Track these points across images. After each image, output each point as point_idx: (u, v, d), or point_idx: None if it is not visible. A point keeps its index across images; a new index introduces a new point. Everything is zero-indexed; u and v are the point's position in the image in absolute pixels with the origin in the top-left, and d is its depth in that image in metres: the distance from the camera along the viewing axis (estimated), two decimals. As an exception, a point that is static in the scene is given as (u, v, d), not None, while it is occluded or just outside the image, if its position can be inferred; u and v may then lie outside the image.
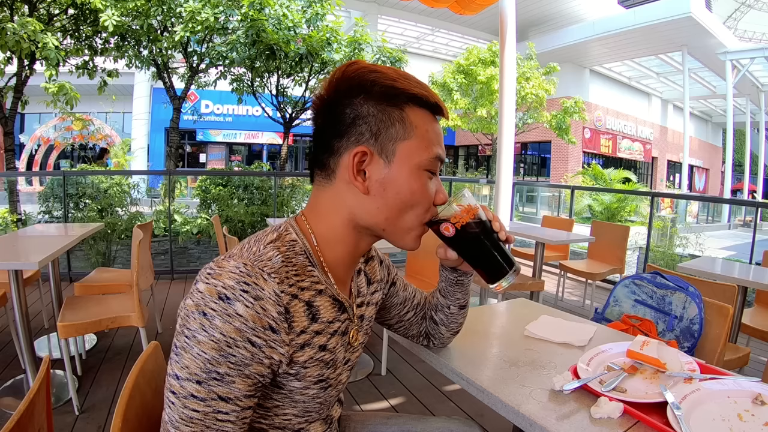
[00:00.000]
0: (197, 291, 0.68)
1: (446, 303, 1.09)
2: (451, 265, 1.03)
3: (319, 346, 0.78)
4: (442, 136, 0.84)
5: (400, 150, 0.77)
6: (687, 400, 0.91)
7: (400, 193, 0.78)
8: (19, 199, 6.29)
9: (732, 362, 2.14)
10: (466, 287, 1.08)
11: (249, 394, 0.70)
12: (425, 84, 0.81)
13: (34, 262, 2.14)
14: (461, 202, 0.89)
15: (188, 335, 0.66)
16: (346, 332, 0.85)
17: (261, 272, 0.70)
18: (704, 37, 16.93)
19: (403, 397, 2.64)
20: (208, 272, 0.69)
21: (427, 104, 0.80)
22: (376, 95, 0.76)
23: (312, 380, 0.79)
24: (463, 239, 0.91)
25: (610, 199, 10.51)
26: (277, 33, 6.91)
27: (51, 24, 6.54)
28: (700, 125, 28.49)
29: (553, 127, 13.68)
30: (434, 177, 0.83)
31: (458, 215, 0.89)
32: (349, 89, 0.77)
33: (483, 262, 0.94)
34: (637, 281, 1.76)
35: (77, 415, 2.30)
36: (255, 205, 6.22)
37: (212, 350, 0.65)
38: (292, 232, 0.80)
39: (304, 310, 0.75)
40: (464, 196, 0.90)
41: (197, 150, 19.46)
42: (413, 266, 3.44)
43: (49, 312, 3.55)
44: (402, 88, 0.77)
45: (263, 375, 0.71)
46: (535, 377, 1.06)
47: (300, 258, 0.77)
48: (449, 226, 0.88)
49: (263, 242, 0.76)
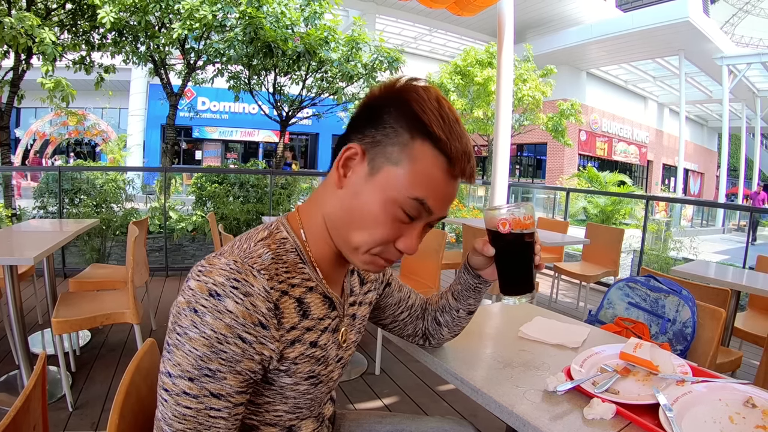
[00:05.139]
0: (188, 288, 0.68)
1: (456, 306, 1.10)
2: (477, 265, 1.04)
3: (309, 343, 0.78)
4: (446, 193, 0.75)
5: (385, 172, 0.73)
6: (679, 402, 0.91)
7: (362, 209, 0.74)
8: (15, 193, 6.25)
9: (724, 365, 2.15)
10: (481, 295, 1.10)
11: (241, 391, 0.70)
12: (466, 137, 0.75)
13: (29, 257, 2.13)
14: (529, 212, 0.93)
15: (180, 332, 0.67)
16: (337, 329, 0.86)
17: (251, 269, 0.70)
18: (701, 41, 17.02)
19: (396, 397, 2.64)
20: (199, 270, 0.70)
21: (444, 152, 0.72)
22: (404, 113, 0.73)
23: (303, 376, 0.79)
24: (511, 243, 0.94)
25: (605, 201, 10.55)
26: (275, 31, 6.89)
27: (48, 19, 6.50)
28: (696, 129, 28.61)
29: (549, 129, 13.69)
30: (412, 222, 0.76)
31: (520, 221, 0.92)
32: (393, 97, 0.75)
33: (513, 271, 0.98)
34: (631, 284, 1.77)
35: (71, 411, 2.29)
36: (251, 203, 6.20)
37: (203, 347, 0.66)
38: (282, 230, 0.80)
39: (295, 307, 0.76)
40: (533, 208, 0.94)
41: (193, 147, 19.37)
42: (408, 267, 3.44)
43: (44, 308, 3.53)
44: (425, 121, 0.71)
45: (254, 371, 0.71)
46: (529, 378, 1.07)
47: (291, 255, 0.78)
48: (508, 223, 0.92)
49: (254, 240, 0.77)
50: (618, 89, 22.76)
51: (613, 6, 19.46)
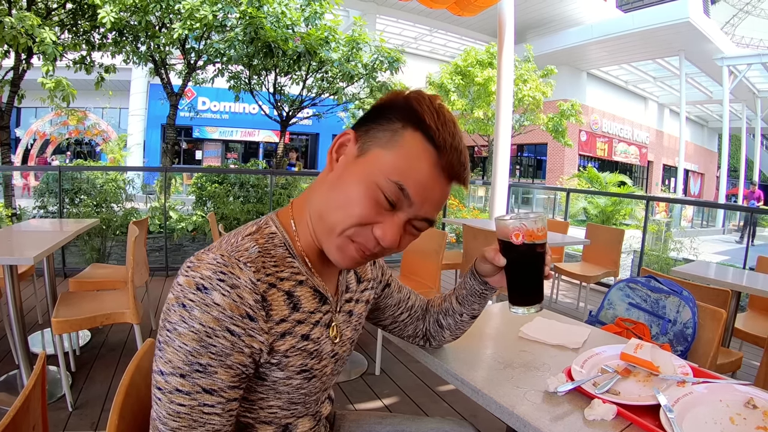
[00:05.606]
0: (177, 284, 0.69)
1: (461, 310, 1.11)
2: (485, 272, 1.04)
3: (301, 336, 0.79)
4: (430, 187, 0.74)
5: (372, 154, 0.74)
6: (680, 403, 0.91)
7: (343, 187, 0.75)
8: (22, 192, 6.24)
9: (725, 366, 2.15)
10: (486, 300, 1.10)
11: (233, 385, 0.71)
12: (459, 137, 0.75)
13: (29, 257, 2.13)
14: (542, 223, 0.93)
15: (169, 328, 0.68)
16: (330, 324, 0.86)
17: (237, 262, 0.71)
18: (702, 42, 17.00)
19: (396, 397, 2.64)
20: (187, 265, 0.71)
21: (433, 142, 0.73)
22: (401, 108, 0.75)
23: (295, 370, 0.79)
24: (523, 254, 0.94)
25: (606, 202, 10.54)
26: (276, 31, 6.90)
27: (49, 18, 6.50)
28: (696, 130, 28.59)
29: (550, 129, 13.69)
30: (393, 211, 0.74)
31: (533, 232, 0.93)
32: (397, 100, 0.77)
33: (524, 282, 0.98)
34: (632, 284, 1.77)
35: (71, 411, 2.29)
36: (251, 203, 6.21)
37: (193, 341, 0.66)
38: (271, 225, 0.81)
39: (284, 300, 0.76)
40: (545, 219, 0.95)
41: (193, 147, 19.37)
42: (408, 267, 3.43)
43: (44, 307, 3.53)
44: (418, 111, 0.73)
45: (245, 365, 0.72)
46: (529, 379, 1.07)
47: (279, 250, 0.78)
48: (521, 234, 0.92)
49: (242, 234, 0.78)
50: (618, 90, 22.74)
51: (613, 6, 19.44)
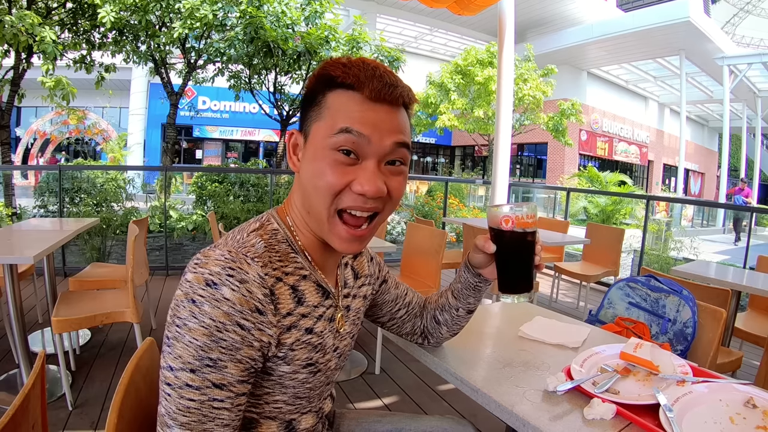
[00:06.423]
0: (185, 281, 0.70)
1: (456, 305, 1.11)
2: (478, 263, 1.04)
3: (305, 329, 0.80)
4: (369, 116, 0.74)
5: (314, 131, 0.77)
6: (679, 403, 0.91)
7: (309, 174, 0.77)
8: (14, 192, 6.25)
9: (725, 366, 2.15)
10: (481, 294, 1.10)
11: (242, 380, 0.71)
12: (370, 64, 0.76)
13: (29, 256, 2.13)
14: (531, 211, 0.94)
15: (179, 324, 0.68)
16: (333, 318, 0.87)
17: (245, 257, 0.72)
18: (702, 41, 16.99)
19: (396, 396, 2.64)
20: (195, 262, 0.71)
21: (348, 85, 0.75)
22: (321, 81, 0.78)
23: (301, 364, 0.80)
24: (512, 240, 0.95)
25: (606, 201, 10.55)
26: (276, 30, 6.90)
27: (49, 17, 6.51)
28: (697, 129, 28.58)
29: (550, 129, 13.70)
30: (360, 162, 0.75)
31: (522, 219, 0.93)
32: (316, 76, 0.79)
33: (512, 269, 0.98)
34: (632, 284, 1.77)
35: (71, 410, 2.29)
36: (251, 202, 6.22)
37: (203, 336, 0.67)
38: (273, 221, 0.83)
39: (290, 293, 0.77)
40: (536, 207, 0.95)
41: (193, 146, 19.38)
42: (408, 266, 3.43)
43: (44, 307, 3.53)
44: (330, 73, 0.76)
45: (254, 359, 0.72)
46: (529, 378, 1.07)
47: (282, 245, 0.80)
48: (510, 221, 0.93)
49: (246, 231, 0.80)
50: (618, 89, 22.73)
51: (613, 6, 19.42)
